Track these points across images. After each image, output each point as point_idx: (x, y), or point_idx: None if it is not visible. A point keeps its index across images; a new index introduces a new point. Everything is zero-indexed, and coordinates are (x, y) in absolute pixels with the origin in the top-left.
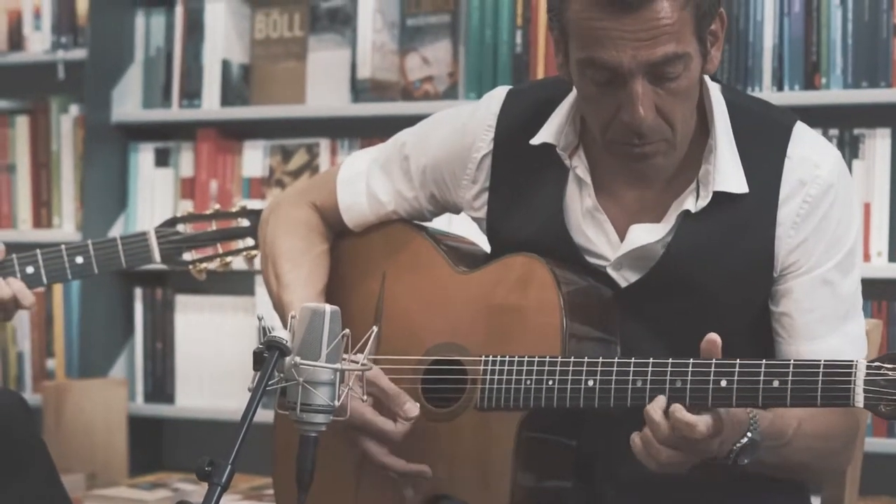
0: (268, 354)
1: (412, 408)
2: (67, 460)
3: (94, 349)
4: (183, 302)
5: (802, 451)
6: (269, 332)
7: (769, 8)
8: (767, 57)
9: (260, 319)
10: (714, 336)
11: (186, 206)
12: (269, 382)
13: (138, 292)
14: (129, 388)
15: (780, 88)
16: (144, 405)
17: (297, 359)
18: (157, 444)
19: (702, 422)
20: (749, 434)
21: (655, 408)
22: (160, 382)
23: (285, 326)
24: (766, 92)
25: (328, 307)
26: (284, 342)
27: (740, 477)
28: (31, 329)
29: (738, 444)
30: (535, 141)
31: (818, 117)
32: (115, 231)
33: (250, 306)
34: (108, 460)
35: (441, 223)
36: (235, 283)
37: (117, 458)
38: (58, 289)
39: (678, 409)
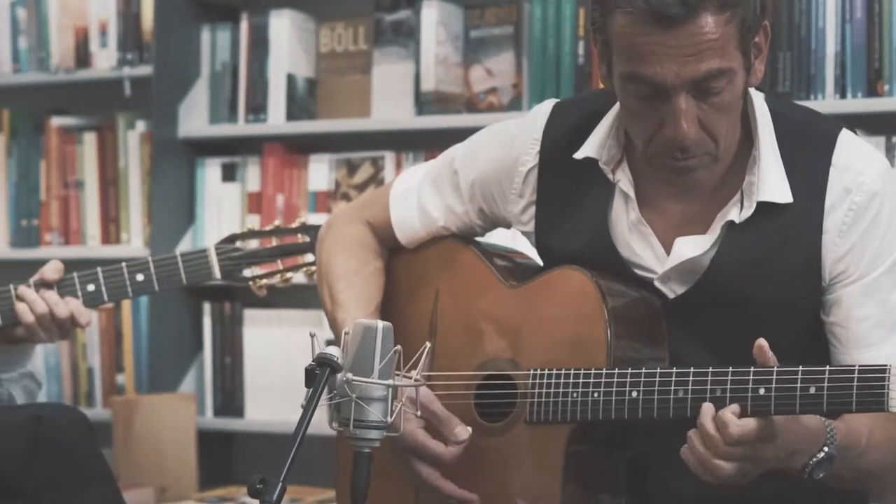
0: (319, 371)
1: (462, 432)
2: (137, 475)
3: (164, 364)
4: (251, 316)
5: (876, 463)
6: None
7: (831, 15)
8: (830, 64)
9: (312, 336)
10: (760, 341)
11: (253, 221)
12: (324, 398)
13: (207, 307)
14: (199, 403)
15: (843, 96)
16: (214, 419)
17: (350, 375)
18: (226, 458)
19: (734, 423)
20: (826, 448)
21: (707, 419)
22: (229, 396)
23: (339, 344)
24: (829, 100)
25: (380, 323)
26: (335, 359)
27: (798, 490)
28: (100, 345)
29: (814, 459)
30: (579, 155)
31: (881, 124)
32: (183, 246)
33: (318, 320)
34: (177, 475)
35: (506, 239)
36: (303, 297)
37: (187, 472)
38: (126, 304)
39: (724, 411)
